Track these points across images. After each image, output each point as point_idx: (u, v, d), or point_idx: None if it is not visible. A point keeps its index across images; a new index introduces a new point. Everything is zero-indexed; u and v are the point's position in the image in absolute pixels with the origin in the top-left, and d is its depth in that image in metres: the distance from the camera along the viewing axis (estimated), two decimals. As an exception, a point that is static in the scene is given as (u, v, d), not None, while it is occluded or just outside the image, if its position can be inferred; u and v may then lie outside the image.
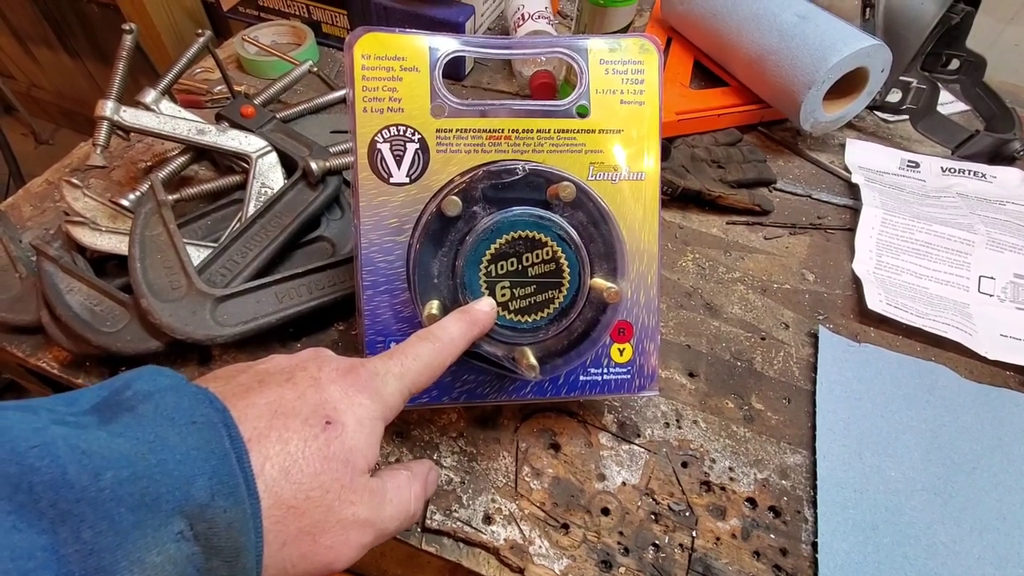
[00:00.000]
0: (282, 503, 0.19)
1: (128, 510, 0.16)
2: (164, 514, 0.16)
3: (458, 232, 0.30)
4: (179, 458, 0.17)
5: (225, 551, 0.17)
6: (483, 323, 0.28)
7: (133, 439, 0.17)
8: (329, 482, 0.20)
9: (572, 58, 0.33)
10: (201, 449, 0.18)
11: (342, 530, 0.21)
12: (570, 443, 0.38)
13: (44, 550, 0.14)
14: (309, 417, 0.21)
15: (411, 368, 0.25)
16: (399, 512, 0.24)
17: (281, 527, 0.19)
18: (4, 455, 0.15)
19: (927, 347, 0.45)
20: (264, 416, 0.20)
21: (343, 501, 0.21)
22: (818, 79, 0.51)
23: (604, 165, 0.34)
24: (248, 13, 0.68)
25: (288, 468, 0.19)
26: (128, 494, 0.16)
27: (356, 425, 0.22)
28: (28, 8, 1.37)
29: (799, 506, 0.36)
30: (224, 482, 0.18)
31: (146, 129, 0.43)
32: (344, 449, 0.21)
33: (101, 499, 0.15)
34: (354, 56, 0.32)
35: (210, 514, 0.17)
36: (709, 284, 0.48)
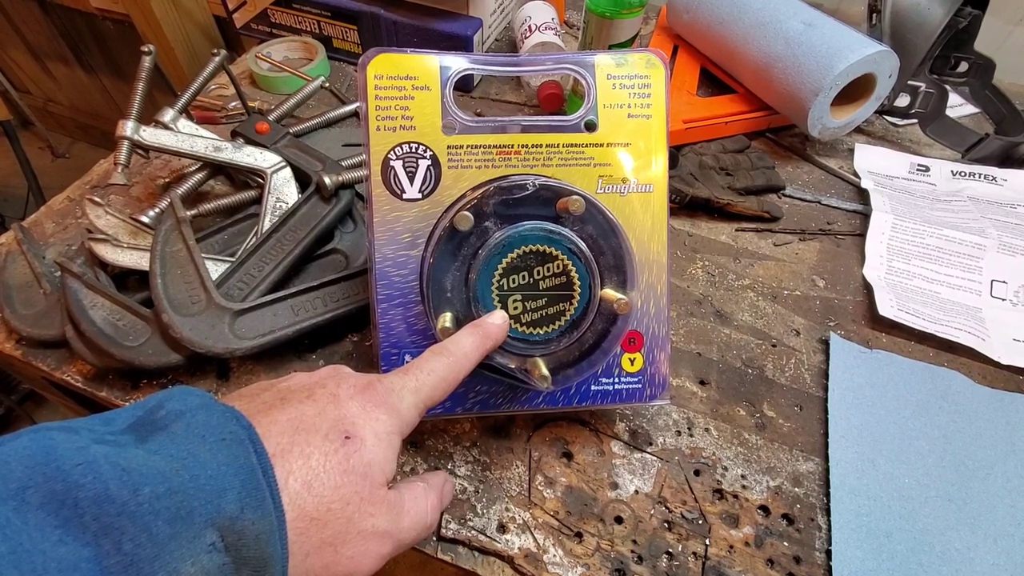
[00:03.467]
0: (305, 515, 0.20)
1: (165, 523, 0.16)
2: (197, 526, 0.17)
3: (470, 247, 0.31)
4: (210, 473, 0.18)
5: (254, 561, 0.18)
6: (495, 336, 0.29)
7: (168, 456, 0.18)
8: (349, 495, 0.21)
9: (579, 74, 0.34)
10: (230, 464, 0.19)
11: (362, 541, 0.21)
12: (582, 452, 0.38)
13: (88, 561, 0.15)
14: (329, 432, 0.22)
15: (426, 383, 0.26)
16: (416, 523, 0.24)
17: (304, 538, 0.20)
18: (51, 472, 0.16)
19: (939, 352, 0.45)
20: (287, 432, 0.21)
21: (363, 513, 0.21)
22: (825, 86, 0.52)
23: (612, 178, 0.34)
24: (260, 29, 0.69)
25: (310, 481, 0.20)
26: (164, 508, 0.17)
27: (374, 439, 0.22)
28: (44, 25, 1.40)
29: (812, 513, 0.36)
30: (252, 495, 0.18)
31: (165, 147, 0.44)
32: (363, 463, 0.22)
33: (140, 512, 0.16)
34: (367, 76, 0.33)
35: (240, 526, 0.18)
36: (719, 292, 0.48)
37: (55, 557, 0.15)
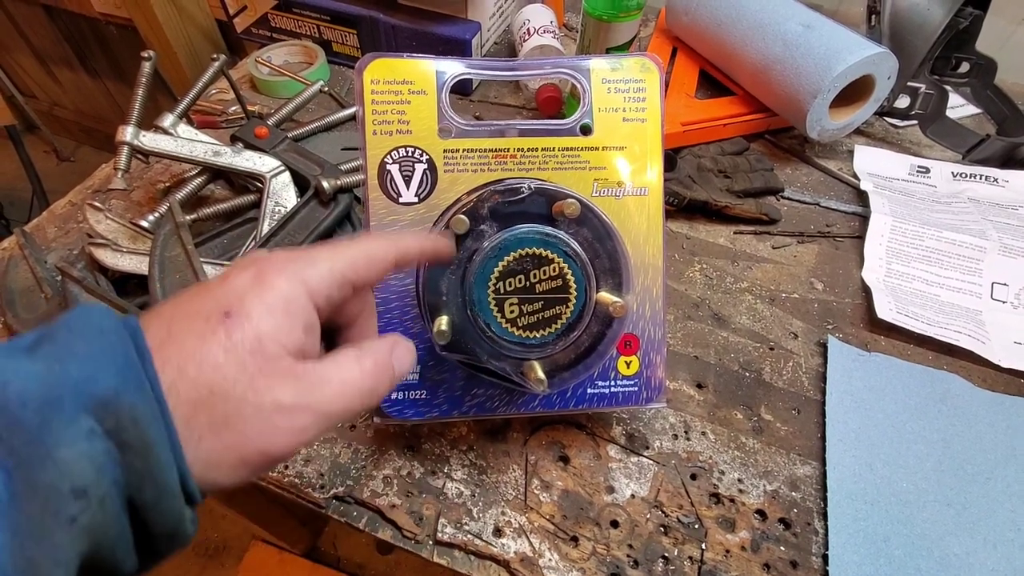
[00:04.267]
0: (187, 400, 0.19)
1: (33, 412, 0.17)
2: (69, 412, 0.17)
3: (466, 250, 0.31)
4: (83, 359, 0.18)
5: (136, 446, 0.18)
6: (436, 241, 0.28)
7: (44, 358, 0.18)
8: (234, 373, 0.20)
9: (575, 78, 0.34)
10: (105, 353, 0.18)
11: (264, 417, 0.20)
12: (579, 455, 0.38)
13: None
14: (210, 314, 0.21)
15: (345, 255, 0.24)
16: (344, 391, 0.22)
17: (193, 423, 0.19)
18: None
19: (939, 355, 0.44)
20: (166, 321, 0.20)
21: (256, 389, 0.20)
22: (823, 88, 0.51)
23: (608, 181, 0.34)
24: (261, 34, 0.70)
25: (184, 366, 0.19)
26: (31, 399, 0.17)
27: (263, 311, 0.21)
28: (49, 30, 1.41)
29: (809, 518, 0.36)
30: (127, 379, 0.18)
31: (165, 152, 0.44)
32: (249, 338, 0.20)
33: (9, 406, 0.16)
34: (364, 81, 0.33)
35: (115, 408, 0.18)
36: (717, 294, 0.48)
37: None
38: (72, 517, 0.17)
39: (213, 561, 1.09)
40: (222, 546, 1.11)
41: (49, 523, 0.16)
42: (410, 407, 0.35)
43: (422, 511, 0.36)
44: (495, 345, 0.31)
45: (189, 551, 1.10)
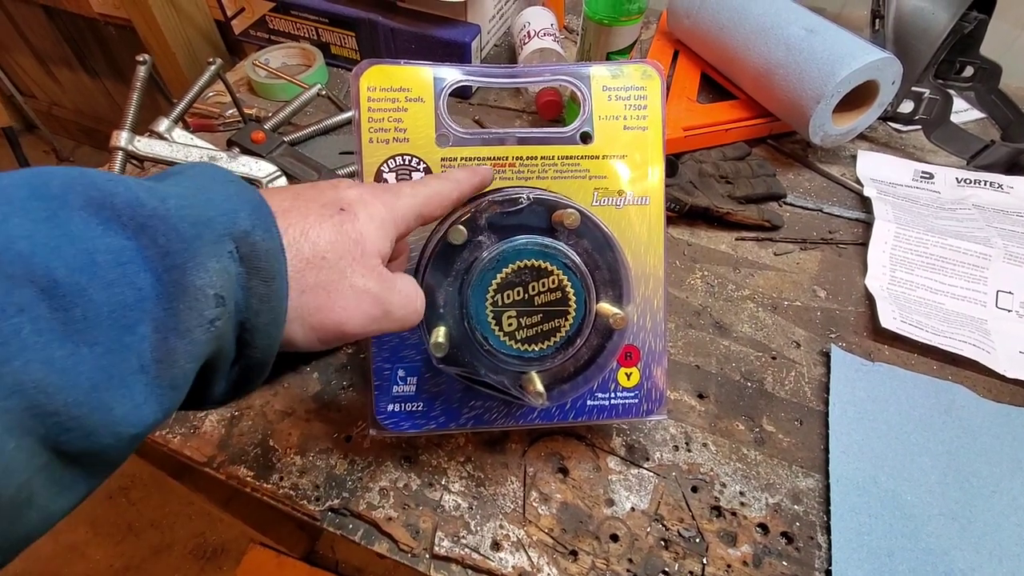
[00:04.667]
0: (302, 257, 0.23)
1: (190, 225, 0.19)
2: (217, 233, 0.20)
3: (463, 262, 0.30)
4: (224, 198, 0.21)
5: (264, 272, 0.21)
6: (483, 174, 0.31)
7: (185, 186, 0.21)
8: (342, 250, 0.23)
9: (575, 85, 0.33)
10: (240, 196, 0.21)
11: (354, 295, 0.24)
12: (578, 467, 0.38)
13: (130, 250, 0.18)
14: (327, 204, 0.24)
15: (422, 192, 0.28)
16: (407, 302, 0.26)
17: (301, 276, 0.23)
18: (87, 183, 0.18)
19: (943, 365, 0.44)
20: (287, 199, 0.24)
21: (354, 271, 0.24)
22: (827, 93, 0.51)
23: (608, 191, 0.34)
24: (259, 36, 0.69)
25: (307, 231, 0.23)
26: (188, 215, 0.19)
27: (367, 217, 0.25)
28: (49, 30, 1.41)
29: (812, 532, 0.36)
30: (262, 219, 0.21)
31: (159, 158, 0.44)
32: (355, 231, 0.24)
33: (168, 216, 0.19)
34: (360, 88, 0.32)
35: (251, 239, 0.21)
36: (718, 302, 0.47)
37: (103, 244, 0.17)
38: (212, 319, 0.19)
39: (211, 564, 1.09)
40: (220, 549, 1.10)
41: (193, 321, 0.19)
42: (406, 419, 0.34)
43: (419, 524, 0.35)
44: (493, 358, 0.30)
45: (187, 553, 1.10)
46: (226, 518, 1.06)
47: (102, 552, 1.09)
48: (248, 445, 0.38)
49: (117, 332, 0.17)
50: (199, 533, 1.12)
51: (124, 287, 0.17)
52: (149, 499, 1.15)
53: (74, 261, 0.16)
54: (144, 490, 1.16)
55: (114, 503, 1.15)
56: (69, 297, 0.16)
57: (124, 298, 0.17)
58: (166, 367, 0.18)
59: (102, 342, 0.16)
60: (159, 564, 1.08)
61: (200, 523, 1.13)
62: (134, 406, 0.17)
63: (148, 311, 0.18)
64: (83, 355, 0.16)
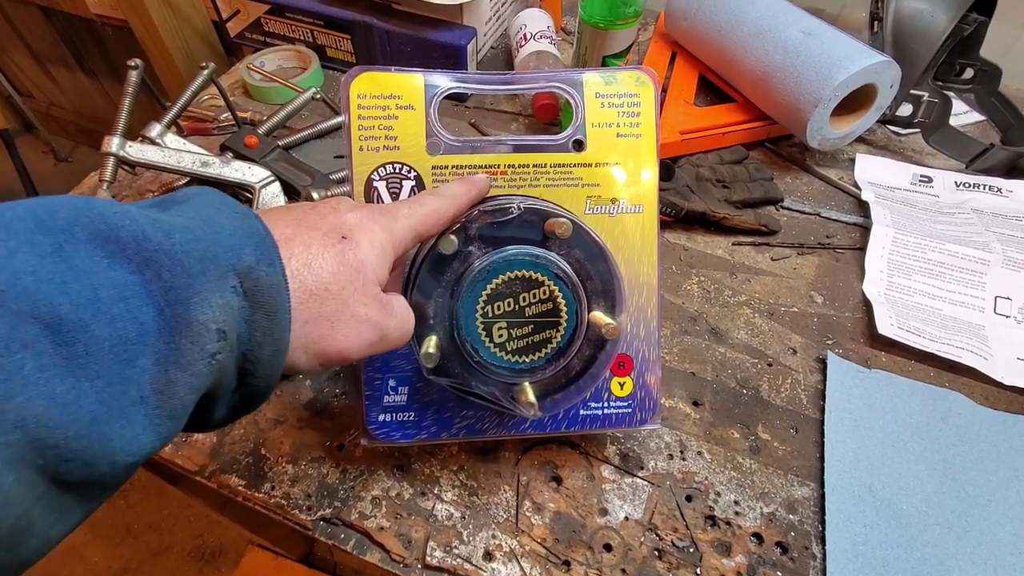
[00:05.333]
0: (305, 288, 0.23)
1: (195, 261, 0.19)
2: (222, 268, 0.20)
3: (454, 272, 0.30)
4: (229, 232, 0.21)
5: (266, 306, 0.21)
6: (480, 186, 0.31)
7: (190, 218, 0.21)
8: (344, 282, 0.24)
9: (568, 92, 0.33)
10: (245, 230, 0.22)
11: (355, 324, 0.24)
12: (572, 476, 0.37)
13: (135, 285, 0.18)
14: (328, 231, 0.25)
15: (419, 211, 0.28)
16: (401, 324, 0.27)
17: (305, 308, 0.23)
18: (94, 216, 0.18)
19: (941, 372, 0.43)
20: (290, 225, 0.24)
21: (356, 301, 0.24)
22: (824, 97, 0.50)
23: (601, 199, 0.33)
24: (254, 38, 0.69)
25: (310, 263, 0.23)
26: (193, 250, 0.19)
27: (368, 244, 0.25)
28: (46, 30, 1.41)
29: (807, 542, 0.35)
30: (265, 253, 0.22)
31: (151, 163, 0.44)
32: (357, 260, 0.24)
33: (174, 251, 0.19)
34: (350, 95, 0.32)
35: (255, 275, 0.21)
36: (714, 308, 0.47)
37: (107, 279, 0.17)
38: (213, 352, 0.19)
39: (209, 566, 1.09)
40: (218, 551, 1.10)
41: (195, 354, 0.19)
42: (398, 429, 0.34)
43: (411, 534, 0.35)
44: (483, 370, 0.30)
45: (185, 555, 1.10)
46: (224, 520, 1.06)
47: (101, 554, 1.09)
48: (240, 454, 0.38)
49: (118, 365, 0.17)
50: (197, 535, 1.12)
51: (127, 321, 0.17)
52: (148, 501, 1.16)
53: (78, 297, 0.16)
54: (143, 492, 1.16)
55: (113, 505, 1.15)
56: (72, 333, 0.16)
57: (126, 332, 0.17)
58: (166, 398, 0.18)
59: (103, 376, 0.17)
60: (158, 566, 1.08)
61: (198, 525, 1.13)
62: (134, 436, 0.18)
63: (150, 344, 0.18)
64: (84, 389, 0.16)
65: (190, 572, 1.08)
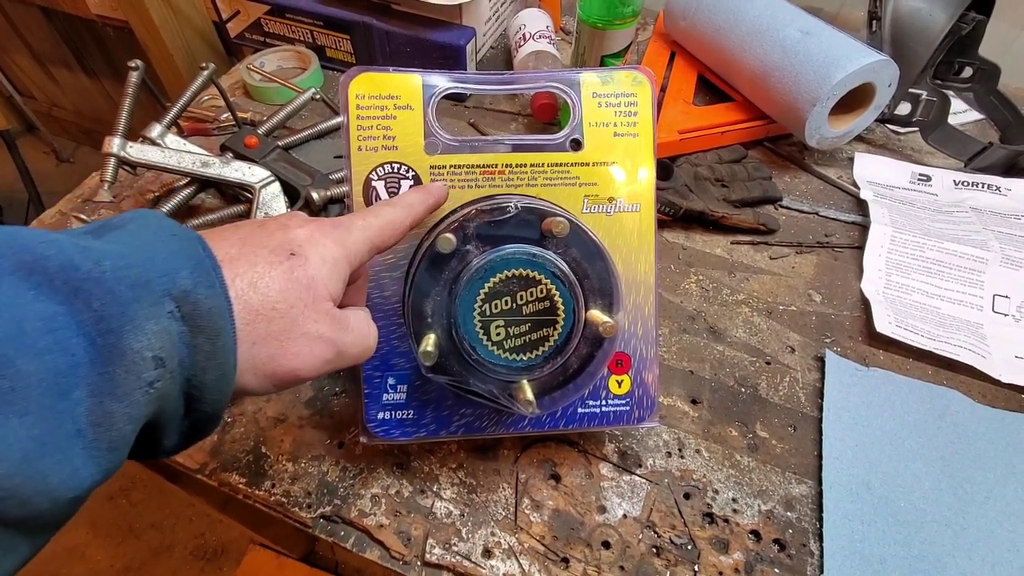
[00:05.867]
0: (251, 309, 0.22)
1: (127, 287, 0.19)
2: (156, 294, 0.19)
3: (452, 270, 0.30)
4: (164, 256, 0.20)
5: (207, 330, 0.21)
6: (437, 194, 0.31)
7: (124, 243, 0.20)
8: (293, 299, 0.23)
9: (565, 92, 0.33)
10: (182, 252, 0.21)
11: (307, 342, 0.24)
12: (570, 474, 0.38)
13: (63, 315, 0.17)
14: (276, 248, 0.24)
15: (374, 223, 0.27)
16: (359, 340, 0.26)
17: (251, 328, 0.22)
18: (19, 247, 0.18)
19: (939, 370, 0.44)
20: (235, 245, 0.23)
21: (306, 318, 0.23)
22: (822, 96, 0.51)
23: (599, 198, 0.34)
24: (254, 39, 0.69)
25: (256, 282, 0.23)
26: (125, 276, 0.19)
27: (319, 260, 0.24)
28: (47, 31, 1.41)
29: (805, 539, 0.35)
30: (204, 275, 0.21)
31: (152, 164, 0.44)
32: (307, 276, 0.24)
33: (104, 279, 0.18)
34: (349, 95, 0.32)
35: (193, 298, 0.20)
36: (713, 307, 0.47)
37: (33, 311, 0.17)
38: (151, 381, 0.19)
39: (211, 565, 1.09)
40: (220, 550, 1.10)
41: (131, 384, 0.18)
42: (397, 427, 0.34)
43: (410, 531, 0.35)
44: (481, 368, 0.30)
45: (187, 554, 1.10)
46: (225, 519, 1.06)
47: (102, 553, 1.10)
48: (240, 452, 0.38)
49: (50, 399, 0.16)
50: (199, 534, 1.12)
51: (56, 354, 0.17)
52: (149, 500, 1.16)
53: (1, 332, 0.16)
54: (144, 491, 1.17)
55: (115, 504, 1.15)
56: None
57: (56, 365, 0.17)
58: (104, 430, 0.18)
59: (33, 411, 0.16)
60: (159, 565, 1.09)
61: (200, 524, 1.13)
62: (72, 471, 0.17)
63: (83, 376, 0.17)
64: (12, 426, 0.16)
65: (192, 571, 1.08)
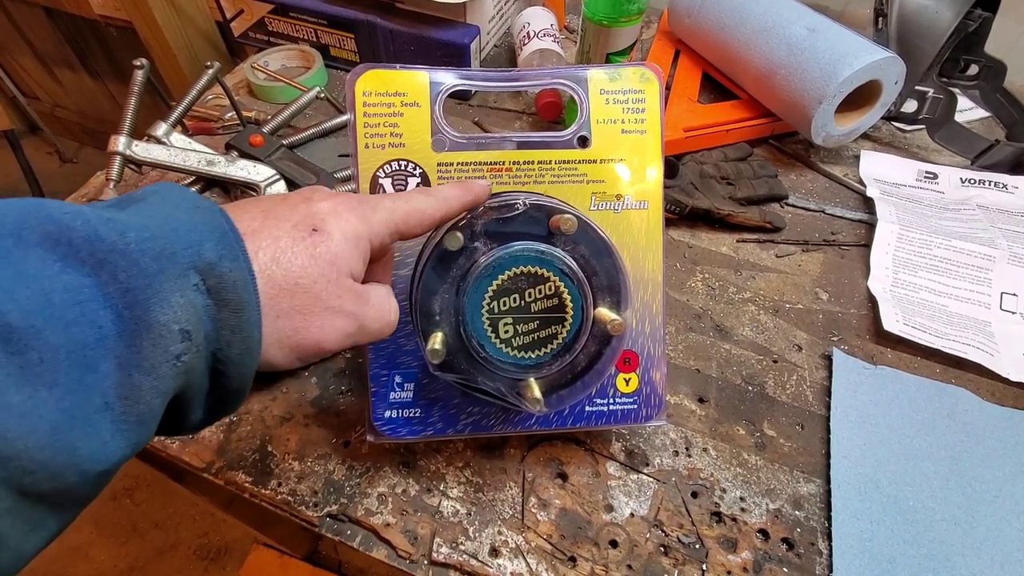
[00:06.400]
0: (275, 283, 0.22)
1: (152, 259, 0.19)
2: (181, 266, 0.19)
3: (460, 268, 0.30)
4: (188, 228, 0.20)
5: (232, 303, 0.21)
6: (477, 192, 0.30)
7: (147, 216, 0.20)
8: (316, 275, 0.23)
9: (572, 89, 0.33)
10: (206, 224, 0.21)
11: (330, 315, 0.24)
12: (577, 473, 0.38)
13: (90, 288, 0.17)
14: (299, 223, 0.24)
15: (402, 207, 0.27)
16: (380, 315, 0.26)
17: (275, 302, 0.22)
18: (44, 218, 0.17)
19: (947, 368, 0.43)
20: (257, 218, 0.23)
21: (329, 293, 0.24)
22: (828, 94, 0.50)
23: (606, 195, 0.33)
24: (258, 38, 0.69)
25: (279, 257, 0.23)
26: (150, 248, 0.19)
27: (341, 236, 0.24)
28: (50, 31, 1.41)
29: (813, 538, 0.35)
30: (228, 248, 0.21)
31: (157, 162, 0.44)
32: (329, 252, 0.24)
33: (129, 251, 0.18)
34: (356, 93, 0.32)
35: (218, 271, 0.20)
36: (719, 305, 0.47)
37: (61, 283, 0.17)
38: (178, 354, 0.19)
39: (215, 564, 1.09)
40: (223, 549, 1.11)
41: (158, 357, 0.18)
42: (404, 425, 0.34)
43: (417, 530, 0.35)
44: (489, 365, 0.30)
45: (191, 554, 1.10)
46: (229, 519, 1.06)
47: (106, 553, 1.10)
48: (246, 451, 0.38)
49: (78, 372, 0.16)
50: (203, 534, 1.12)
51: (84, 326, 0.17)
52: (153, 500, 1.16)
53: (28, 303, 0.16)
54: (148, 491, 1.17)
55: (118, 504, 1.15)
56: (24, 340, 0.16)
57: (84, 337, 0.17)
58: (131, 403, 0.18)
59: (62, 383, 0.16)
60: (163, 565, 1.09)
61: (204, 524, 1.13)
62: (101, 444, 0.17)
63: (110, 348, 0.17)
64: (42, 398, 0.16)
65: (195, 571, 1.08)
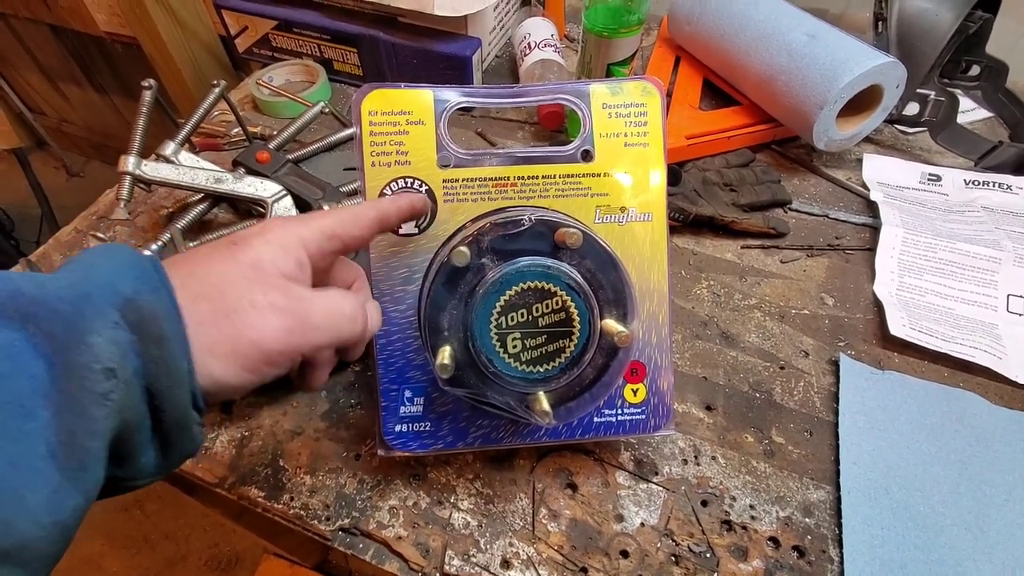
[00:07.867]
0: (192, 293, 0.23)
1: (68, 304, 0.20)
2: (98, 306, 0.20)
3: (467, 284, 0.30)
4: (106, 270, 0.21)
5: (154, 336, 0.21)
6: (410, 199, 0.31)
7: (70, 269, 0.22)
8: (236, 278, 0.24)
9: (575, 104, 0.33)
10: (125, 263, 0.22)
11: (258, 313, 0.24)
12: (587, 483, 0.38)
13: (20, 341, 0.18)
14: (218, 245, 0.25)
15: (334, 212, 0.28)
16: (328, 311, 0.26)
17: (195, 311, 0.23)
18: None
19: (954, 372, 0.43)
20: (183, 256, 0.25)
21: (255, 291, 0.24)
22: (830, 99, 0.51)
23: (610, 208, 0.34)
24: (262, 54, 0.70)
25: (195, 270, 0.24)
26: (67, 295, 0.20)
27: (262, 243, 0.25)
28: (56, 48, 1.43)
29: (824, 545, 0.35)
30: (147, 281, 0.22)
31: (166, 181, 0.44)
32: (248, 256, 0.25)
33: (47, 300, 0.19)
34: (362, 112, 0.33)
35: (137, 304, 0.21)
36: (725, 312, 0.47)
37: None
38: (104, 393, 0.19)
39: (225, 574, 1.10)
40: (234, 559, 1.11)
41: (86, 399, 0.19)
42: (414, 439, 0.35)
43: (428, 543, 0.35)
44: (498, 380, 0.30)
45: (202, 564, 1.11)
46: (239, 529, 1.07)
47: (118, 564, 1.11)
48: (258, 465, 0.39)
49: (16, 421, 0.17)
50: (214, 544, 1.13)
51: (18, 378, 0.18)
52: (164, 511, 1.17)
53: None
54: (159, 502, 1.18)
55: (129, 515, 1.16)
56: None
57: (20, 388, 0.18)
58: (70, 448, 0.18)
59: (3, 434, 0.17)
60: (174, 575, 1.09)
61: (214, 534, 1.14)
62: (50, 491, 0.18)
63: (47, 395, 0.18)
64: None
65: (207, 581, 1.09)
